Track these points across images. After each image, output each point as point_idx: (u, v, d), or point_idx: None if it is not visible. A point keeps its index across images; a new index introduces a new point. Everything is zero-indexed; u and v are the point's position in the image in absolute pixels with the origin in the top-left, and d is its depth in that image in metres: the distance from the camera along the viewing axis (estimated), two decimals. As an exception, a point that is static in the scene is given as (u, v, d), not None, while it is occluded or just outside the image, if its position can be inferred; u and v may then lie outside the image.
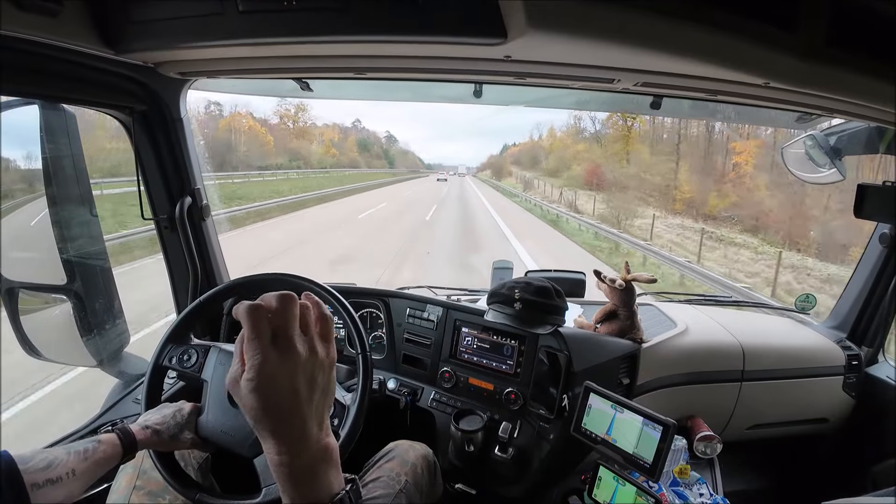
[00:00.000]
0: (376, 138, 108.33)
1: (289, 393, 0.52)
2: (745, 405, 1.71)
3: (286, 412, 0.52)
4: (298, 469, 0.53)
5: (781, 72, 0.85)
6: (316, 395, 0.55)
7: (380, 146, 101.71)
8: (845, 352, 1.77)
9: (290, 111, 60.76)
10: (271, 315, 0.52)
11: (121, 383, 1.50)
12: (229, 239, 8.92)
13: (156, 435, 0.99)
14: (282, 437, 0.53)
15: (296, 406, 0.53)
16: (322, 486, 0.54)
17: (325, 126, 78.57)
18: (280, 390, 0.52)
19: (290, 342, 0.53)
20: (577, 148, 43.52)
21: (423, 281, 2.04)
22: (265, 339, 0.51)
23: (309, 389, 0.54)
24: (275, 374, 0.51)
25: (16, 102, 1.21)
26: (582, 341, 1.47)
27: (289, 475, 0.53)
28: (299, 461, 0.53)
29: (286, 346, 0.52)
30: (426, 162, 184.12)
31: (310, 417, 0.54)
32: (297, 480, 0.54)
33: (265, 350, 0.51)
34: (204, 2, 0.87)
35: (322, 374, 0.55)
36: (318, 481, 0.54)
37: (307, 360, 0.53)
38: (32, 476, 0.76)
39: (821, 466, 1.91)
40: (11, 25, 0.82)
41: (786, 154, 1.68)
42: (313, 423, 0.54)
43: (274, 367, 0.51)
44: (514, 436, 1.42)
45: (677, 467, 1.46)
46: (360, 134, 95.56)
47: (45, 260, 1.28)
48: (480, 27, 0.80)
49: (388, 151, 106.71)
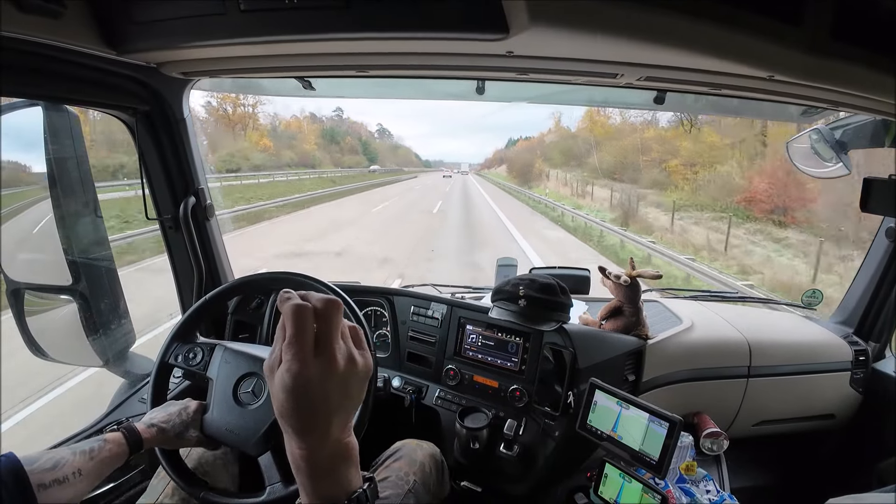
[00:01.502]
0: (362, 130, 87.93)
1: (320, 400, 0.52)
2: (751, 401, 1.70)
3: (313, 415, 0.53)
4: (318, 465, 0.54)
5: (786, 65, 0.85)
6: (346, 401, 0.55)
7: (356, 138, 76.90)
8: (852, 347, 1.76)
9: (237, 96, 41.88)
10: (316, 320, 0.52)
11: (126, 383, 1.51)
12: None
13: (161, 433, 0.99)
14: (305, 435, 0.53)
15: (325, 412, 0.53)
16: (340, 483, 0.55)
17: (293, 118, 59.69)
18: (312, 396, 0.52)
19: (331, 352, 0.52)
20: (647, 135, 28.38)
21: (427, 279, 1.99)
22: (307, 345, 0.51)
23: (340, 397, 0.54)
24: (311, 380, 0.51)
25: (19, 104, 1.21)
26: (587, 338, 1.47)
27: (308, 471, 0.54)
28: (319, 458, 0.54)
29: (326, 355, 0.52)
30: (424, 158, 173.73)
31: (336, 420, 0.54)
32: (316, 476, 0.54)
33: (306, 356, 0.51)
34: (206, 1, 0.87)
35: (357, 383, 0.55)
36: (337, 478, 0.55)
37: (344, 371, 0.53)
38: (39, 476, 0.77)
39: (827, 462, 1.90)
40: (14, 27, 0.83)
41: (791, 148, 1.67)
42: (338, 425, 0.55)
43: (311, 374, 0.51)
44: (520, 433, 1.42)
45: (684, 464, 1.45)
46: (337, 125, 73.29)
47: (51, 261, 1.28)
48: (482, 23, 0.80)
49: (367, 145, 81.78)
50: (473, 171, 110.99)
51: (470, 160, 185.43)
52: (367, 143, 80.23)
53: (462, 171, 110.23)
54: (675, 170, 23.04)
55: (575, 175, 33.81)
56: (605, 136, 33.75)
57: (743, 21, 0.72)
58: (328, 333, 0.52)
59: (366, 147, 78.17)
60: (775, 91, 1.13)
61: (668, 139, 25.89)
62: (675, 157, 23.76)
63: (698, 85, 1.16)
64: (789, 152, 1.69)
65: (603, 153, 31.25)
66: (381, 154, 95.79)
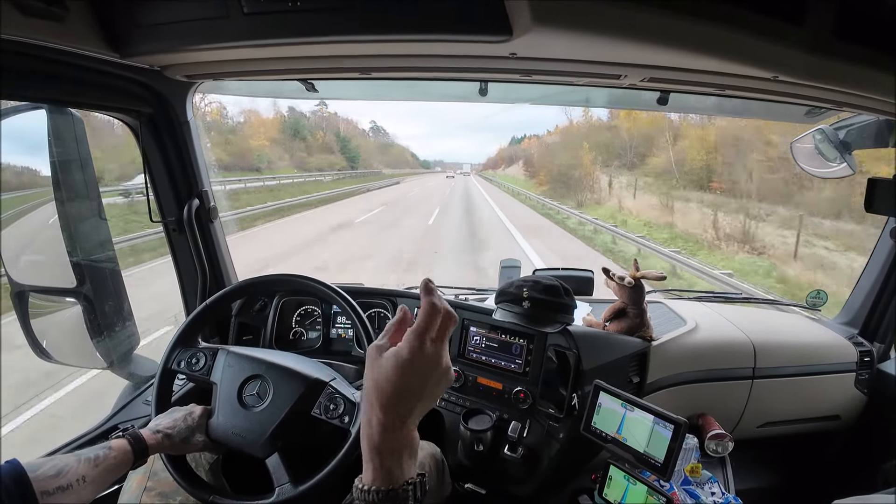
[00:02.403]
0: (342, 125, 68.64)
1: (419, 385, 0.58)
2: (756, 403, 1.69)
3: (406, 397, 0.58)
4: (391, 443, 0.58)
5: (789, 65, 0.85)
6: (430, 398, 0.61)
7: (333, 134, 58.26)
8: (857, 348, 1.75)
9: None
10: (441, 321, 0.60)
11: (131, 385, 1.51)
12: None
13: (167, 439, 0.99)
14: (392, 413, 0.58)
15: (416, 398, 0.59)
16: (403, 468, 0.58)
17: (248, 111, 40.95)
18: (417, 378, 0.58)
19: (442, 350, 0.60)
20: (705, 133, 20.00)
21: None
22: (431, 335, 0.59)
23: (430, 390, 0.60)
24: (421, 363, 0.58)
25: (24, 107, 1.22)
26: (591, 340, 1.46)
27: (382, 444, 0.58)
28: (394, 437, 0.58)
29: (438, 351, 0.60)
30: (423, 158, 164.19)
31: (417, 410, 0.59)
32: (386, 452, 0.58)
33: (429, 345, 0.58)
34: (209, 4, 0.87)
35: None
36: (401, 463, 0.58)
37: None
38: (42, 483, 0.77)
39: (832, 464, 1.89)
40: (17, 30, 0.83)
41: (795, 149, 1.67)
42: (416, 416, 0.60)
43: (423, 358, 0.58)
44: (524, 435, 1.41)
45: (689, 466, 1.44)
46: (304, 119, 51.45)
47: (55, 263, 1.29)
48: (485, 25, 0.80)
49: (346, 142, 61.60)
50: (475, 172, 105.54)
51: (470, 160, 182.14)
52: (346, 140, 62.63)
53: (463, 171, 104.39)
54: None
55: (628, 180, 23.48)
56: (654, 126, 24.14)
57: (745, 21, 0.72)
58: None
59: (345, 144, 60.89)
60: (779, 91, 1.13)
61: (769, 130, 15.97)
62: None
63: (702, 86, 1.16)
64: (793, 152, 1.68)
65: (669, 151, 22.01)
66: (368, 153, 79.05)
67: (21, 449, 2.55)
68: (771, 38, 0.75)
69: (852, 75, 0.87)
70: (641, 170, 24.19)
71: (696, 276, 9.20)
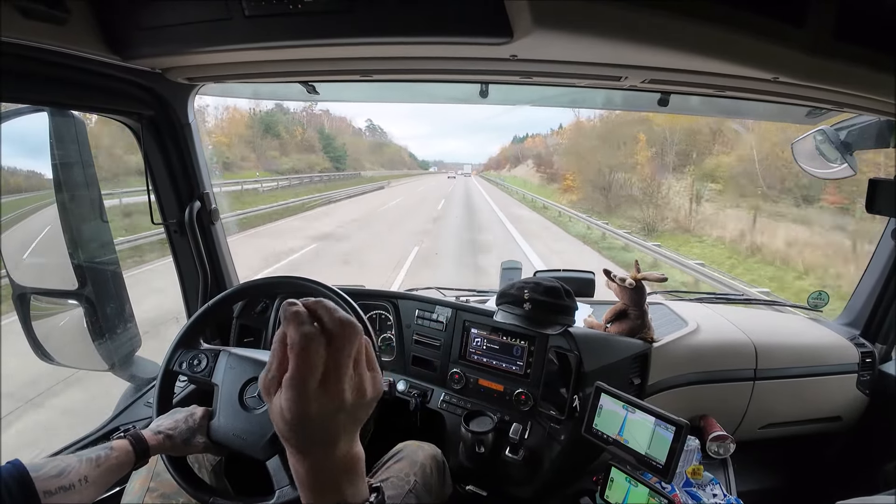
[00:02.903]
0: (329, 122, 59.17)
1: (326, 429, 0.48)
2: (758, 404, 1.69)
3: (318, 440, 0.49)
4: (323, 480, 0.51)
5: (790, 66, 0.84)
6: (353, 426, 0.52)
7: (317, 130, 49.43)
8: (859, 349, 1.75)
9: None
10: (328, 348, 0.46)
11: (132, 387, 1.51)
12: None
13: (168, 440, 0.99)
14: (307, 454, 0.50)
15: (331, 437, 0.49)
16: (345, 497, 0.52)
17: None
18: (314, 429, 0.47)
19: (340, 386, 0.47)
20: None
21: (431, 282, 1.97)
22: (312, 381, 0.45)
23: (347, 424, 0.50)
24: (312, 418, 0.46)
25: (25, 110, 1.22)
26: (592, 341, 1.46)
27: (312, 485, 0.51)
28: (324, 473, 0.51)
29: (334, 390, 0.47)
30: (421, 158, 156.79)
31: (342, 441, 0.51)
32: (320, 491, 0.51)
33: (309, 394, 0.45)
34: (210, 7, 0.87)
35: (365, 409, 0.51)
36: (342, 492, 0.52)
37: (353, 403, 0.49)
38: (44, 483, 0.77)
39: (834, 465, 1.89)
40: (19, 33, 0.83)
41: (796, 149, 1.67)
42: (344, 443, 0.51)
43: (313, 411, 0.46)
44: (525, 437, 1.41)
45: (690, 468, 1.44)
46: (280, 114, 40.40)
47: (57, 265, 1.29)
48: (486, 27, 0.80)
49: (330, 140, 52.38)
50: (476, 173, 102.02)
51: (470, 160, 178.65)
52: (329, 138, 52.79)
53: (464, 172, 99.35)
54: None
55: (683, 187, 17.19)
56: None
57: (745, 22, 0.72)
58: (339, 368, 0.47)
59: (329, 143, 51.27)
60: (780, 92, 1.13)
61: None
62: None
63: (702, 87, 1.16)
64: (794, 153, 1.68)
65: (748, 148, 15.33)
66: (359, 153, 69.71)
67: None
68: (771, 39, 0.74)
69: (853, 76, 0.87)
70: (695, 172, 17.70)
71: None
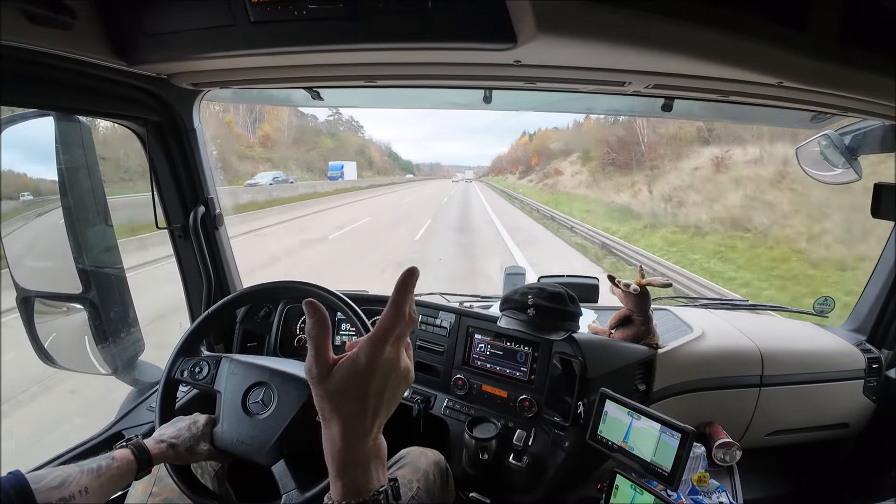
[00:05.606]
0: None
1: (376, 390, 0.57)
2: (764, 411, 1.68)
3: (366, 405, 0.57)
4: (356, 456, 0.57)
5: (794, 71, 0.84)
6: (391, 402, 0.59)
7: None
8: (865, 355, 1.74)
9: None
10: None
11: (135, 391, 1.51)
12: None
13: (172, 449, 0.99)
14: (352, 425, 0.56)
15: (377, 404, 0.57)
16: (370, 478, 0.57)
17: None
18: (377, 383, 0.56)
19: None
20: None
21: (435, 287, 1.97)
22: (390, 338, 0.57)
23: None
24: (383, 369, 0.56)
25: (31, 114, 1.23)
26: (597, 347, 1.45)
27: (346, 459, 0.56)
28: (358, 449, 0.57)
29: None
30: (409, 161, 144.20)
31: (379, 417, 0.58)
32: (352, 466, 0.57)
33: (388, 349, 0.57)
34: (216, 13, 0.88)
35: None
36: (368, 473, 0.57)
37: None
38: (45, 494, 0.76)
39: (841, 472, 1.87)
40: (26, 38, 0.84)
41: (801, 154, 1.66)
42: (379, 423, 0.59)
43: (385, 364, 0.57)
44: (529, 444, 1.40)
45: (696, 475, 1.43)
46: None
47: (61, 269, 1.29)
48: (490, 32, 0.80)
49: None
50: (478, 178, 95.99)
51: (469, 163, 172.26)
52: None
53: (465, 178, 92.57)
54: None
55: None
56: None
57: (749, 27, 0.72)
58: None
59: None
60: (784, 97, 1.13)
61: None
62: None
63: (707, 92, 1.16)
64: (798, 157, 1.67)
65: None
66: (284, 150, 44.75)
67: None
68: (775, 43, 0.74)
69: (857, 80, 0.86)
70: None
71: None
